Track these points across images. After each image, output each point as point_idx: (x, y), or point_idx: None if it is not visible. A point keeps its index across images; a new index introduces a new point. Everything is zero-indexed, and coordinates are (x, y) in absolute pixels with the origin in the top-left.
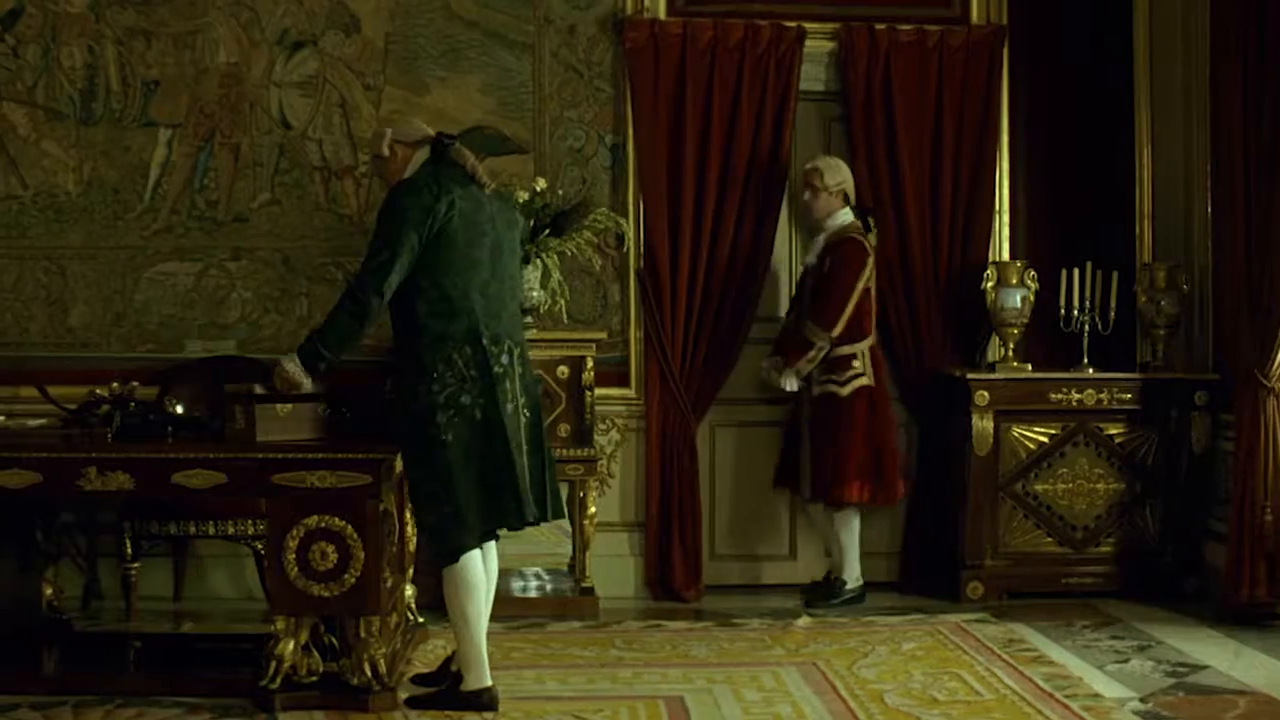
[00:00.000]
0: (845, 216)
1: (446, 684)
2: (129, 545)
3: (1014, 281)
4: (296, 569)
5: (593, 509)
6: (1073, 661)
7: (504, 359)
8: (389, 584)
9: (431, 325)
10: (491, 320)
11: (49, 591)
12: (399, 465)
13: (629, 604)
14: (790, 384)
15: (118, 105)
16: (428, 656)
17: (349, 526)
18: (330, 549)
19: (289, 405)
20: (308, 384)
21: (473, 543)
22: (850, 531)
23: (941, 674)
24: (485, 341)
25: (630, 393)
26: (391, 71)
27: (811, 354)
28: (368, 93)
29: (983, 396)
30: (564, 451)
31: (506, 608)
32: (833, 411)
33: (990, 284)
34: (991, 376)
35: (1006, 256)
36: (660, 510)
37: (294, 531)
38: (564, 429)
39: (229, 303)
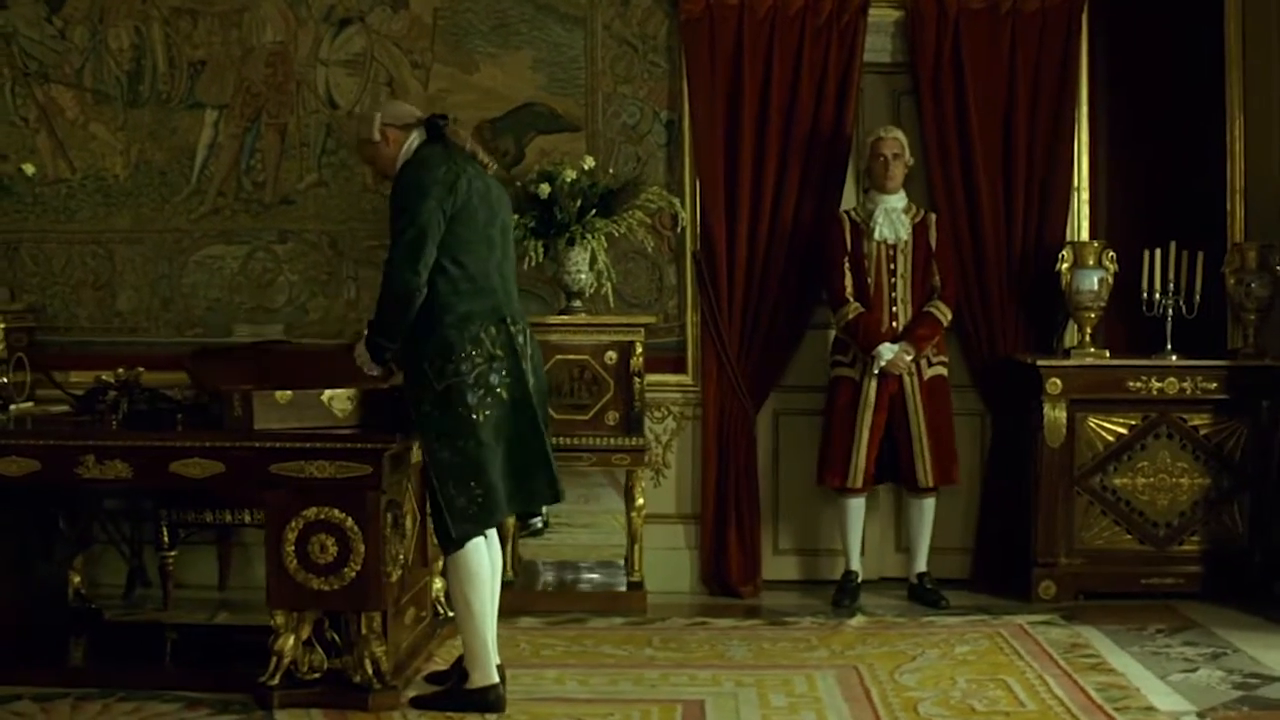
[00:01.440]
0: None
1: (451, 682)
2: (165, 533)
3: (1091, 263)
4: (296, 562)
5: (641, 500)
6: (1135, 670)
7: (520, 339)
8: (394, 578)
9: (456, 304)
10: (508, 299)
11: (76, 580)
12: (416, 455)
13: (682, 600)
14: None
15: (164, 87)
16: (452, 653)
17: (349, 518)
18: (330, 542)
19: (289, 393)
20: (377, 371)
21: (487, 526)
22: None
23: (988, 681)
24: (508, 319)
25: (687, 379)
26: (440, 48)
27: (940, 334)
28: (415, 71)
29: (1055, 385)
30: (611, 440)
31: (551, 601)
32: (943, 392)
33: (1065, 265)
34: (1064, 363)
35: (1085, 236)
36: (716, 502)
37: (293, 523)
38: (612, 417)
39: (276, 286)
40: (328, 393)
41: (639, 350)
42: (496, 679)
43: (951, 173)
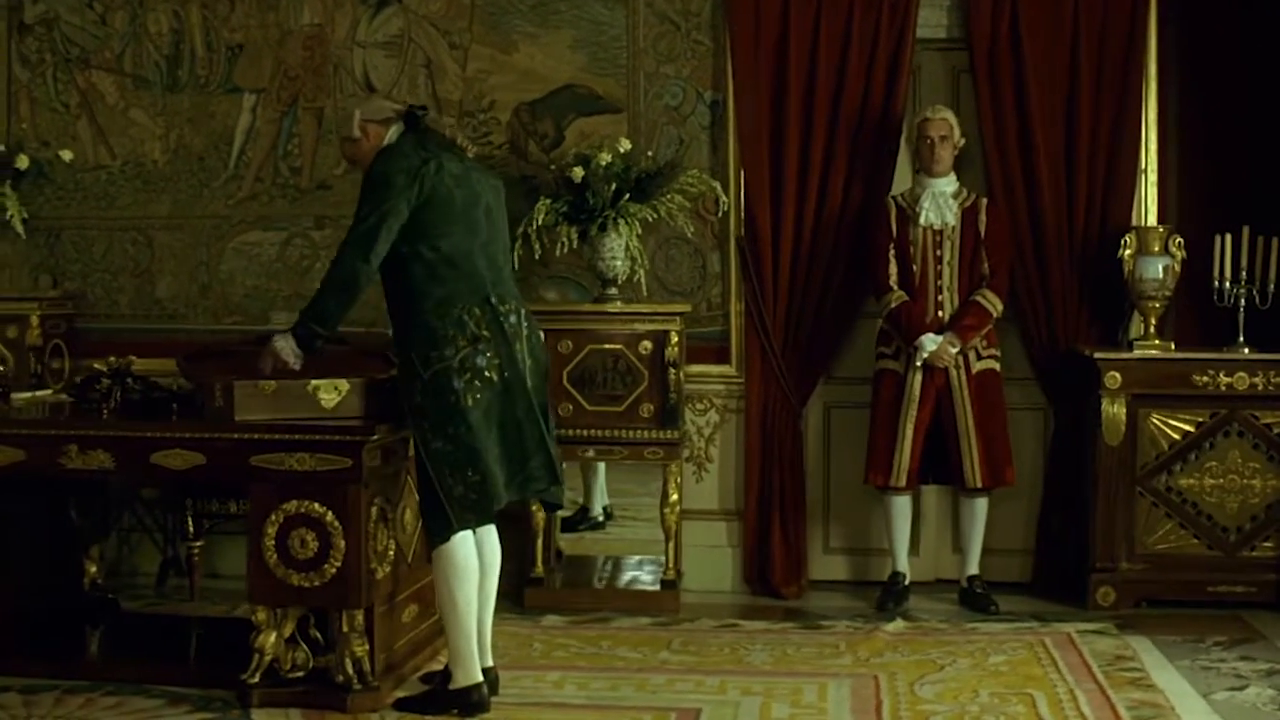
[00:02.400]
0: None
1: (435, 682)
2: (190, 524)
3: (1155, 249)
4: (276, 557)
5: (675, 496)
6: (1177, 686)
7: (513, 319)
8: (381, 575)
9: (434, 289)
10: (496, 280)
11: (93, 570)
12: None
13: (722, 600)
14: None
15: (203, 71)
16: None
17: (329, 513)
18: (310, 536)
19: (273, 383)
20: (297, 364)
21: (487, 513)
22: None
23: (1012, 695)
24: (494, 300)
25: (730, 370)
26: (478, 28)
27: (989, 325)
28: (453, 52)
29: (1114, 378)
30: (645, 433)
31: (583, 599)
32: (994, 387)
33: (1128, 252)
34: (1124, 356)
35: (1152, 221)
36: (759, 499)
37: (273, 517)
38: (647, 409)
39: (313, 273)
40: (313, 383)
41: (674, 340)
42: (480, 679)
43: (1009, 154)
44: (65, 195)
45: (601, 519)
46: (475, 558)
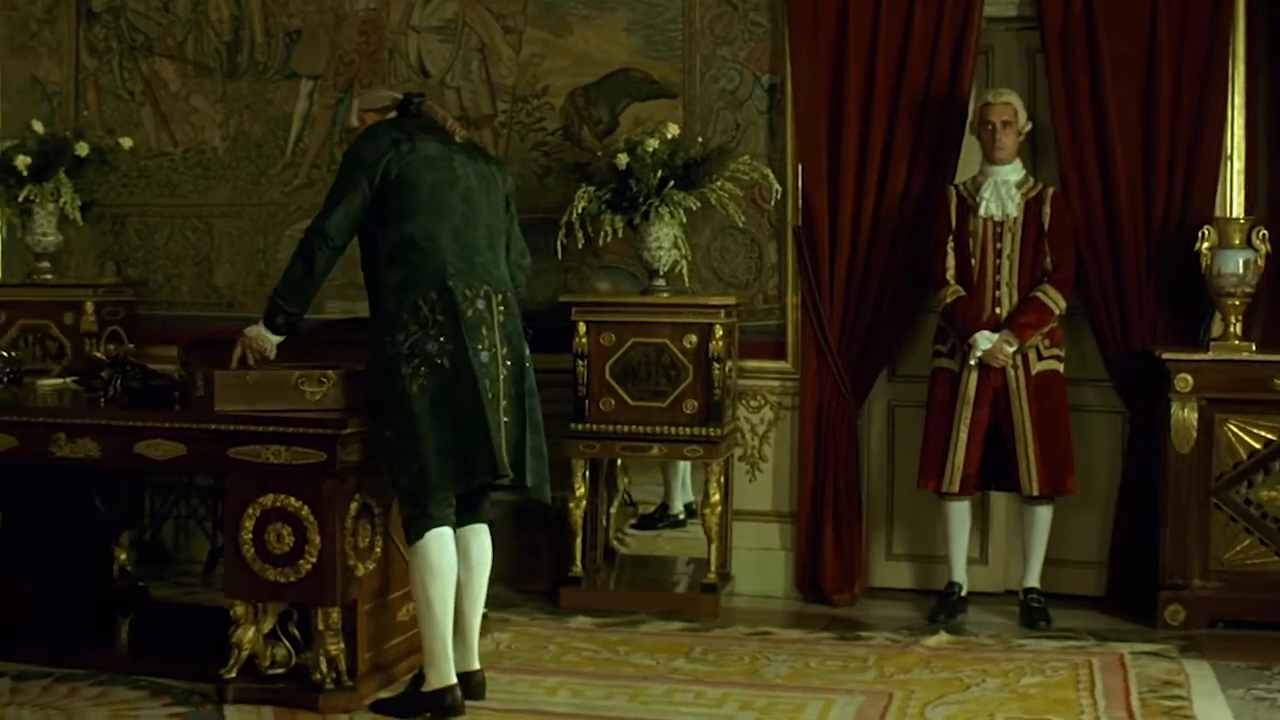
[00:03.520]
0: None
1: (409, 685)
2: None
3: (1236, 242)
4: (253, 551)
5: (715, 497)
6: (1218, 717)
7: (479, 303)
8: (362, 572)
9: (392, 274)
10: (464, 265)
11: (123, 558)
12: None
13: (770, 606)
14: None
15: (261, 58)
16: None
17: (305, 507)
18: (286, 531)
19: (255, 373)
20: (270, 349)
21: (440, 514)
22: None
23: None
24: (454, 284)
25: (787, 366)
26: (533, 11)
27: (1050, 323)
28: (507, 35)
29: (1185, 381)
30: (687, 430)
31: (622, 601)
32: (1056, 389)
33: (1206, 245)
34: (1196, 357)
35: (1239, 213)
36: (812, 502)
37: (250, 510)
38: (690, 405)
39: None
40: (297, 374)
41: (719, 334)
42: (452, 681)
43: (1083, 141)
44: (129, 183)
45: (683, 517)
46: (451, 555)
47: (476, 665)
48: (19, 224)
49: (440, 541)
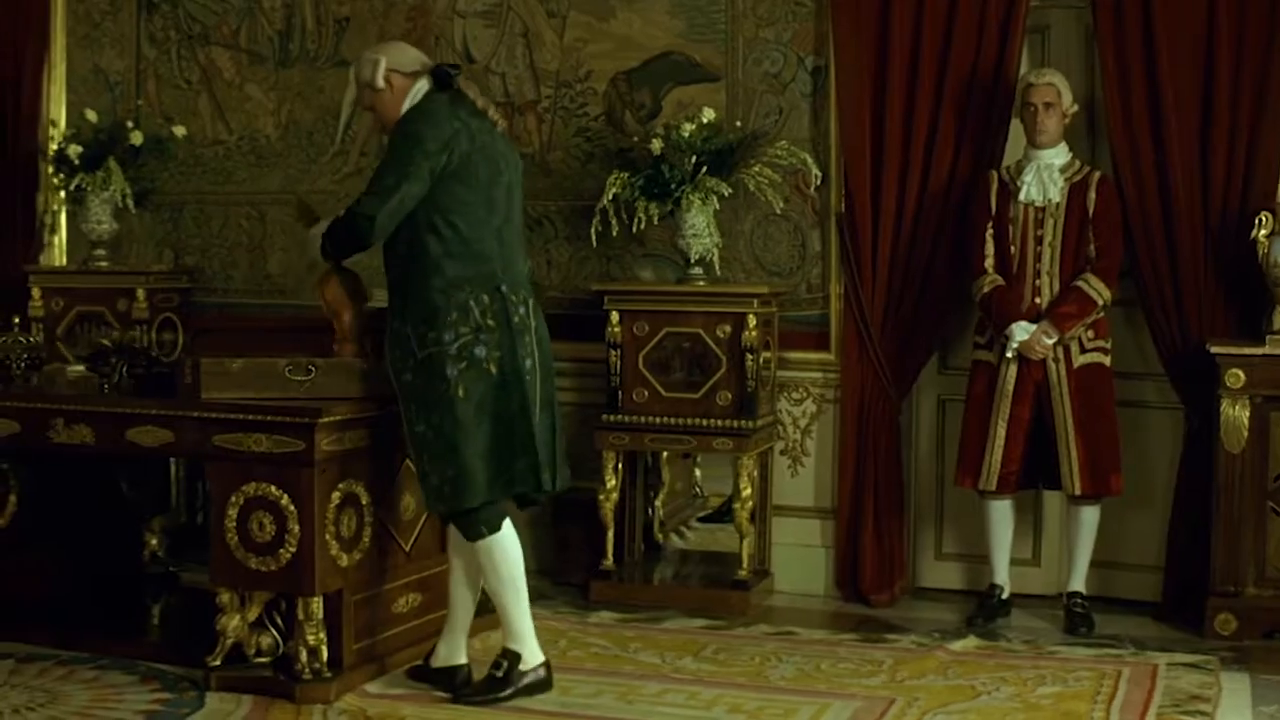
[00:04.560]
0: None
1: (504, 667)
2: None
3: None
4: (237, 539)
5: (747, 491)
6: None
7: (521, 310)
8: (346, 563)
9: (447, 268)
10: (508, 268)
11: (154, 542)
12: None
13: (807, 604)
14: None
15: (312, 45)
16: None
17: (285, 496)
18: (268, 520)
19: (240, 361)
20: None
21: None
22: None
23: None
24: (505, 289)
25: (830, 357)
26: None
27: (1093, 314)
28: (551, 20)
29: (1236, 377)
30: (718, 422)
31: (642, 594)
32: (1101, 384)
33: (1263, 233)
34: (1248, 352)
35: None
36: (852, 498)
37: (234, 499)
38: (724, 397)
39: None
40: (283, 362)
41: (752, 323)
42: (542, 658)
43: (1134, 125)
44: (186, 171)
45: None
46: (512, 534)
47: (464, 659)
48: (76, 212)
49: (501, 532)
